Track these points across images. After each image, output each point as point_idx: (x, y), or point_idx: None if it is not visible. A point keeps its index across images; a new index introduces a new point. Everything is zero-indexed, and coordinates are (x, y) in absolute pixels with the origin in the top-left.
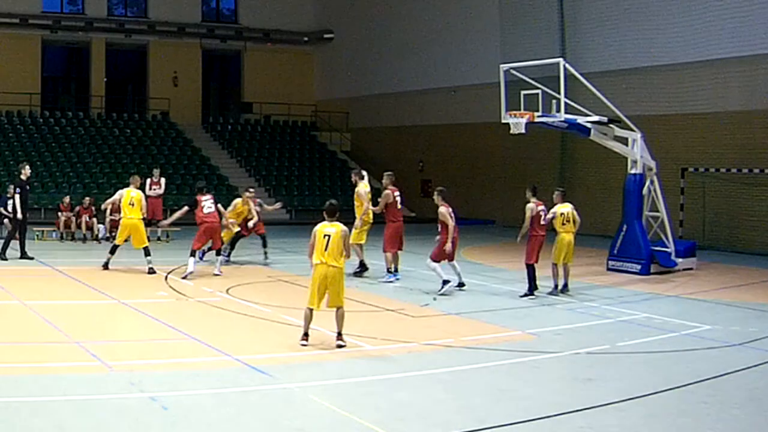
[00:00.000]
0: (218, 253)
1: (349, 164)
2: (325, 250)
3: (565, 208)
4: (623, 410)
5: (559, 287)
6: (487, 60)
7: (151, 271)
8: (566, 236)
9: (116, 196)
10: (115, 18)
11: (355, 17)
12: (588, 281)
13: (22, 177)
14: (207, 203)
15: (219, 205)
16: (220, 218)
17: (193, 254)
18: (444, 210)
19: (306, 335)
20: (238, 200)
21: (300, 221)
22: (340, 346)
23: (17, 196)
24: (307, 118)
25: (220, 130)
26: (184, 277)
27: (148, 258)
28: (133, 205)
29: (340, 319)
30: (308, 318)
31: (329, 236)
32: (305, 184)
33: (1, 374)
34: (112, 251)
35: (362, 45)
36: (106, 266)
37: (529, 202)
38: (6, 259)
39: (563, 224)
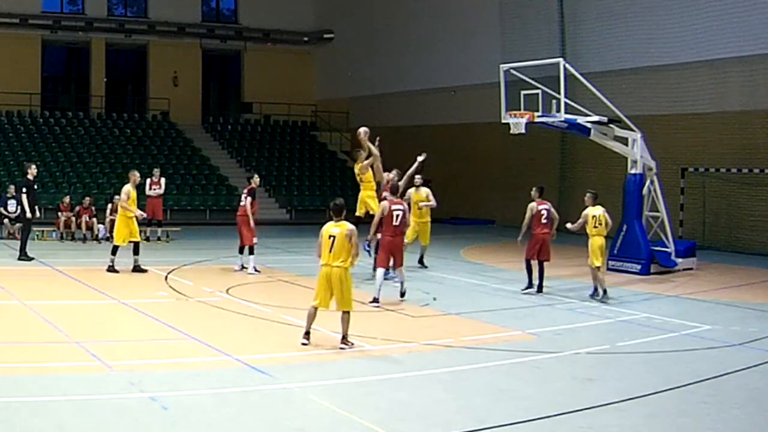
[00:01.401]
0: (250, 252)
1: (349, 164)
2: (330, 251)
3: (596, 211)
4: (623, 410)
5: (600, 292)
6: (487, 60)
7: (110, 269)
8: (598, 239)
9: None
10: (115, 18)
11: (355, 17)
12: (588, 281)
13: (29, 177)
14: (242, 196)
15: (248, 201)
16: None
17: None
18: (385, 204)
19: (307, 334)
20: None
21: (300, 221)
22: (342, 348)
23: (24, 196)
24: (307, 118)
25: (220, 130)
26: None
27: (112, 257)
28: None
29: (345, 322)
30: (311, 316)
31: (334, 237)
32: (305, 184)
33: (1, 374)
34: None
35: (362, 45)
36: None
37: (533, 201)
38: (31, 258)
39: (595, 227)
